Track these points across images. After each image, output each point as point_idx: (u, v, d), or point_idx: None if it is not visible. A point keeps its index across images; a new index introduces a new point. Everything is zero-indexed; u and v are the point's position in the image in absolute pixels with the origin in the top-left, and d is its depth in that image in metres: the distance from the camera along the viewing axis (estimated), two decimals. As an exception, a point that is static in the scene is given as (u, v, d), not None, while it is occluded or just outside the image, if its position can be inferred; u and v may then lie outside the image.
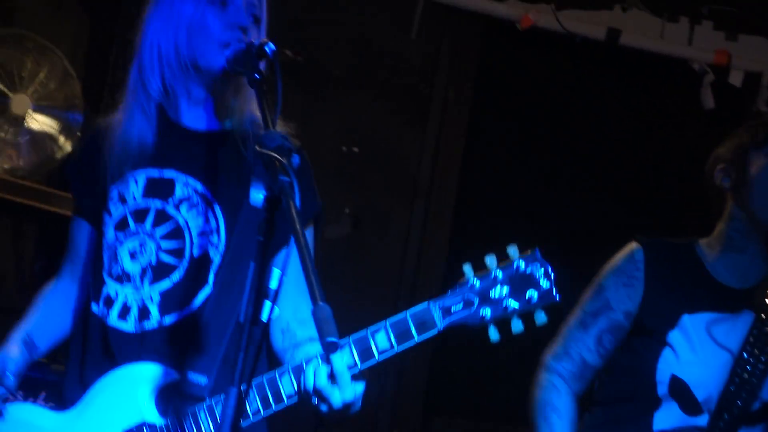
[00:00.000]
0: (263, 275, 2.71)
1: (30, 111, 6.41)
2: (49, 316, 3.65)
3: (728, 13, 6.66)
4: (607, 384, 4.02)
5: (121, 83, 3.53)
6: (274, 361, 3.34)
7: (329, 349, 2.60)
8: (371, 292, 6.56)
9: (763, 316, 3.87)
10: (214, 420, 3.17)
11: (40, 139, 6.40)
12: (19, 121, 6.40)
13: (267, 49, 3.06)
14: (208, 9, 3.35)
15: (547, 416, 3.94)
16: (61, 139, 6.32)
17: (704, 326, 3.90)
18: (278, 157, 2.76)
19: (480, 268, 3.11)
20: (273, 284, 2.71)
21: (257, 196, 2.88)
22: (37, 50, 6.45)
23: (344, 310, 3.21)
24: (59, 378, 5.37)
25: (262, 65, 3.10)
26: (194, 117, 3.47)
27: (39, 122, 6.43)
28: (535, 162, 6.89)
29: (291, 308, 3.19)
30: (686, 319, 3.88)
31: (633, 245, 3.97)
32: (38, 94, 6.43)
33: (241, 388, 2.66)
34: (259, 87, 3.04)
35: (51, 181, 6.27)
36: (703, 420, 3.83)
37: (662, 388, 3.85)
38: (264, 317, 2.69)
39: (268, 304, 2.70)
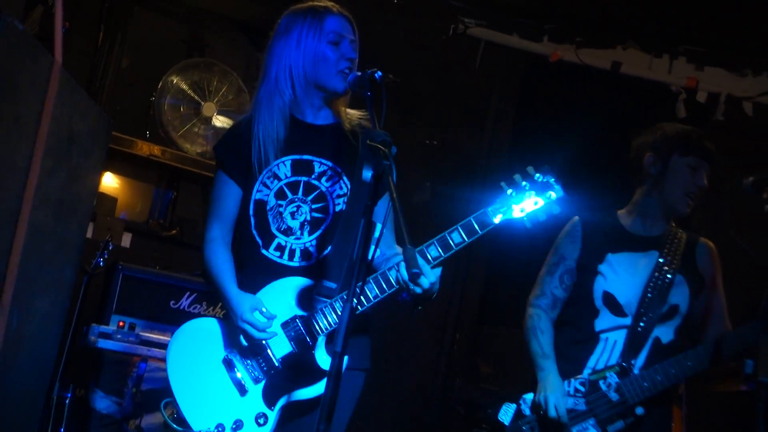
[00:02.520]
0: (370, 227, 2.77)
1: (215, 114, 6.65)
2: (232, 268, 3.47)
3: (697, 52, 6.52)
4: (567, 308, 4.08)
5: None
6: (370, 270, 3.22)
7: (413, 277, 2.76)
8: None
9: (665, 250, 3.97)
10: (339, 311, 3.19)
11: (221, 132, 6.54)
12: (207, 120, 6.66)
13: (376, 76, 3.06)
14: (328, 47, 3.37)
15: (536, 335, 4.03)
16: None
17: (623, 259, 3.97)
18: (382, 147, 2.83)
19: (511, 183, 3.20)
20: (376, 234, 2.78)
21: (367, 174, 2.83)
22: (220, 73, 6.70)
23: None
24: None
25: (372, 86, 3.10)
26: (314, 115, 3.46)
27: (221, 121, 6.66)
28: (562, 151, 6.27)
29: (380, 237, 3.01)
30: (610, 257, 3.98)
31: (575, 218, 4.06)
32: (221, 102, 6.67)
33: (353, 304, 2.73)
34: (370, 101, 3.05)
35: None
36: (627, 320, 3.91)
37: (598, 302, 3.95)
38: (369, 256, 2.76)
39: (372, 247, 2.76)
